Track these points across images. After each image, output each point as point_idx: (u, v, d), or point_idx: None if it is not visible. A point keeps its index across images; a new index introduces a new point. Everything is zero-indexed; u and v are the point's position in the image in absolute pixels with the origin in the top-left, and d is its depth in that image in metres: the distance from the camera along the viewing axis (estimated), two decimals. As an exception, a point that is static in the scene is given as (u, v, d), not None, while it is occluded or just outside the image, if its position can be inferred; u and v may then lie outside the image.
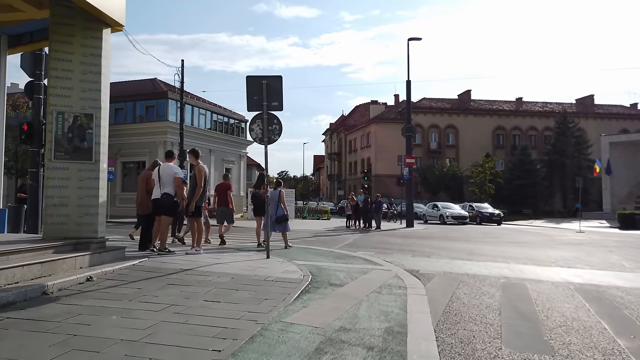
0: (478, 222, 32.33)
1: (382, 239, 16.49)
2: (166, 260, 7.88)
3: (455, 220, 30.68)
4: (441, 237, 18.27)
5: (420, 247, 13.46)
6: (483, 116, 60.61)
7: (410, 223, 25.32)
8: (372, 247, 13.13)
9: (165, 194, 8.53)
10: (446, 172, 50.15)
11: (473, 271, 8.65)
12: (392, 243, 14.57)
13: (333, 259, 9.63)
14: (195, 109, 35.77)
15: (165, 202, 8.56)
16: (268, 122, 8.88)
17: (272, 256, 9.07)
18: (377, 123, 59.44)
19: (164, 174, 8.65)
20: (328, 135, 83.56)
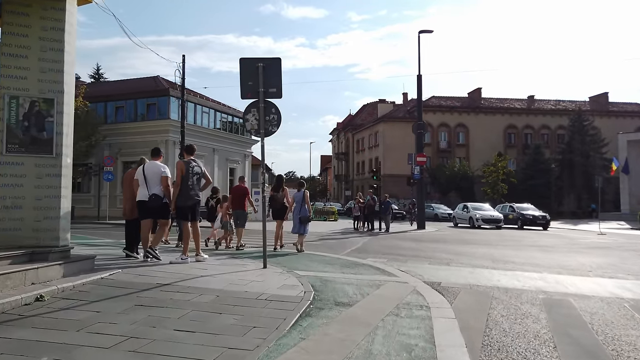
0: (520, 226, 27.37)
1: (393, 242, 15.28)
2: (143, 272, 6.73)
3: (487, 224, 26.50)
4: (457, 240, 17.01)
5: (436, 252, 12.23)
6: (494, 114, 59.10)
7: (422, 225, 24.06)
8: (383, 252, 11.92)
9: (153, 195, 7.74)
10: (457, 171, 48.71)
11: (503, 283, 7.42)
12: (404, 248, 13.36)
13: (340, 268, 8.44)
14: (198, 107, 34.71)
15: (154, 204, 7.76)
16: (265, 111, 7.71)
17: (270, 265, 7.91)
18: (385, 122, 58.15)
19: (150, 173, 7.84)
20: (335, 134, 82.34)
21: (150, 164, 8.02)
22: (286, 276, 6.88)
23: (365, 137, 64.44)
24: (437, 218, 36.82)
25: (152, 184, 7.77)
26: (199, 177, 8.12)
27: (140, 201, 7.83)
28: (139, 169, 8.02)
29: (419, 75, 24.87)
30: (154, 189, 7.75)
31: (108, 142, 32.68)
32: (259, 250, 11.23)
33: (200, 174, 8.14)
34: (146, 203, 7.75)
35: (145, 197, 7.75)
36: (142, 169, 7.92)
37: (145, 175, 7.81)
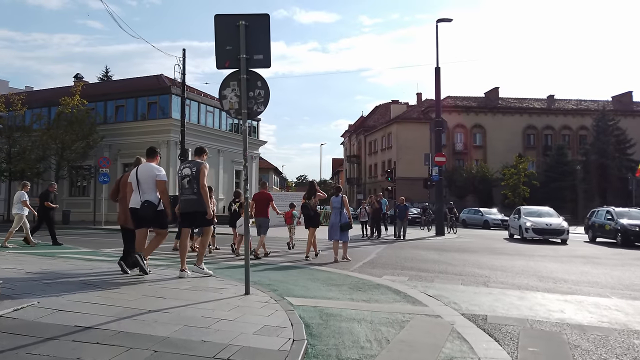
0: (621, 243, 17.37)
1: (412, 253, 13.27)
2: (72, 304, 4.82)
3: (539, 235, 19.19)
4: (486, 250, 14.95)
5: (466, 266, 10.20)
6: (512, 115, 56.70)
7: (441, 231, 21.98)
8: (401, 266, 9.92)
9: (146, 202, 6.73)
10: (475, 174, 46.38)
11: (571, 316, 5.42)
12: (426, 260, 11.34)
13: (349, 292, 6.48)
14: (202, 106, 33.01)
15: (147, 212, 6.73)
16: (248, 85, 5.81)
17: (257, 288, 6.01)
18: (398, 123, 56.13)
19: (143, 177, 6.84)
20: (347, 137, 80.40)
21: (144, 166, 6.98)
22: (272, 309, 4.94)
23: (377, 138, 62.39)
24: (487, 226, 32.22)
25: (146, 189, 6.77)
26: (190, 180, 6.96)
27: (133, 208, 6.82)
28: (132, 171, 7.05)
29: (437, 67, 22.87)
30: (148, 194, 6.75)
31: (108, 143, 31.10)
32: (274, 261, 9.42)
33: (189, 176, 6.98)
34: (138, 211, 6.74)
35: (137, 204, 6.76)
36: (135, 172, 6.92)
37: (139, 179, 6.81)
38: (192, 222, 7.26)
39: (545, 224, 19.34)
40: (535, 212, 21.44)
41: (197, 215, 7.01)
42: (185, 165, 7.10)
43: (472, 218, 34.38)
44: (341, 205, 10.49)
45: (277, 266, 9.34)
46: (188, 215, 7.06)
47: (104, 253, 11.28)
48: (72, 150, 28.50)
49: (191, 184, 6.93)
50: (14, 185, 33.14)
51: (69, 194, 32.97)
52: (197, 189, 6.89)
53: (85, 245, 13.44)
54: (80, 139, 28.63)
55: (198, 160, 7.16)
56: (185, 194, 6.99)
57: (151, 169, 6.92)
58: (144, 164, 7.07)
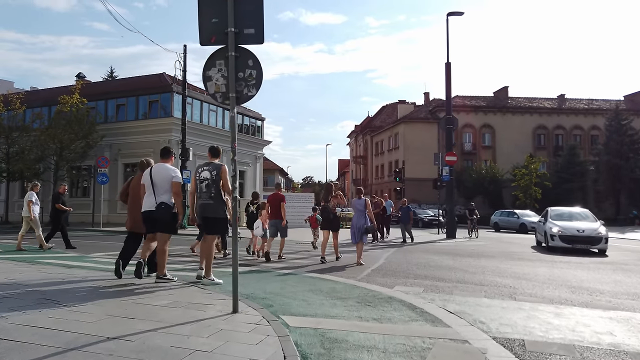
0: None
1: (424, 258, 12.32)
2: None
3: (568, 244, 14.95)
4: (501, 254, 13.95)
5: (486, 274, 9.25)
6: (522, 114, 55.52)
7: (452, 234, 21.00)
8: (414, 274, 8.98)
9: (162, 204, 6.50)
10: (484, 174, 45.25)
11: (624, 340, 4.48)
12: (441, 266, 10.38)
13: (356, 308, 5.54)
14: (204, 105, 32.19)
15: (163, 215, 6.48)
16: (237, 64, 4.92)
17: (247, 304, 5.11)
18: (406, 123, 55.11)
19: (158, 178, 6.57)
20: (353, 137, 79.44)
21: (159, 167, 6.71)
22: (263, 333, 4.03)
23: (384, 139, 61.39)
24: (524, 229, 29.00)
25: (161, 191, 6.53)
26: (208, 184, 6.60)
27: (146, 211, 6.55)
28: (145, 172, 6.75)
29: (447, 63, 21.92)
30: (163, 196, 6.52)
31: (108, 143, 30.34)
32: (273, 267, 8.46)
33: (207, 180, 6.60)
34: (152, 213, 6.48)
35: (151, 206, 6.49)
36: (149, 173, 6.64)
37: (153, 180, 6.55)
38: (205, 227, 6.85)
39: (577, 229, 15.19)
40: (566, 214, 17.11)
41: (211, 221, 6.65)
42: (204, 168, 6.68)
43: (506, 221, 31.72)
44: (364, 207, 10.24)
45: (277, 273, 8.43)
46: (202, 220, 6.73)
47: (90, 259, 10.44)
48: (71, 150, 27.75)
49: (209, 188, 6.56)
50: (13, 186, 32.55)
51: (69, 194, 32.21)
52: (215, 194, 6.55)
53: (77, 248, 12.59)
54: (79, 138, 27.89)
55: (217, 163, 6.77)
56: (202, 198, 6.61)
57: (167, 169, 6.64)
58: (158, 164, 6.75)
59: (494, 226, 32.20)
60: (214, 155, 6.94)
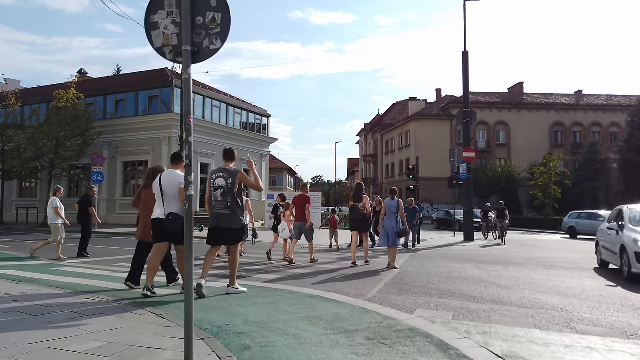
0: None
1: (445, 266, 10.76)
2: None
3: None
4: (530, 261, 12.35)
5: (522, 288, 7.67)
6: (538, 111, 53.58)
7: (470, 236, 19.39)
8: (437, 289, 7.42)
9: (171, 214, 6.04)
10: (500, 173, 43.38)
11: None
12: (466, 278, 8.81)
13: (367, 350, 3.92)
14: (207, 100, 30.80)
15: (173, 225, 5.98)
16: (195, 4, 3.42)
17: (214, 349, 3.62)
18: (417, 120, 53.39)
19: (168, 186, 6.19)
20: (363, 136, 77.81)
21: (169, 173, 6.32)
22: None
23: (395, 137, 59.71)
24: None
25: (171, 200, 6.15)
26: (224, 192, 6.19)
27: (156, 219, 6.19)
28: (155, 180, 6.38)
29: (465, 52, 20.28)
30: (173, 205, 6.11)
31: (107, 140, 29.08)
32: (270, 278, 6.91)
33: (223, 188, 6.19)
34: (162, 223, 6.09)
35: (161, 214, 6.12)
36: (158, 180, 6.27)
37: (162, 188, 6.17)
38: (220, 238, 6.32)
39: None
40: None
41: (228, 232, 6.19)
42: (218, 175, 6.23)
43: (586, 224, 25.49)
44: (397, 209, 9.93)
45: (269, 289, 6.93)
46: (218, 230, 6.22)
47: (59, 269, 9.02)
48: (67, 148, 26.50)
49: (225, 197, 6.15)
50: (9, 186, 31.43)
51: (67, 194, 31.01)
52: (231, 203, 6.12)
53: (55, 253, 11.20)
54: (75, 135, 26.64)
55: (233, 169, 6.30)
56: (217, 207, 6.17)
57: (176, 176, 6.15)
58: (168, 171, 6.34)
59: (569, 231, 26.46)
60: (228, 159, 6.42)
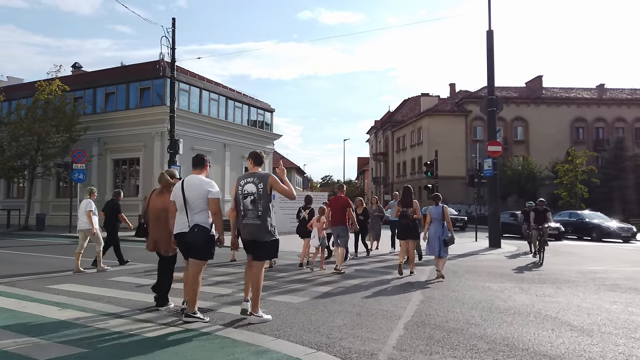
0: None
1: (479, 289, 8.32)
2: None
3: None
4: (581, 277, 9.85)
5: (609, 333, 5.23)
6: (558, 106, 50.67)
7: (496, 242, 16.88)
8: (483, 339, 4.99)
9: (196, 226, 5.25)
10: (520, 171, 40.63)
11: None
12: (517, 311, 6.36)
13: None
14: (204, 93, 28.49)
15: (197, 239, 5.22)
16: None
17: None
18: (430, 116, 50.79)
19: (192, 193, 5.37)
20: (373, 133, 75.18)
21: (193, 179, 5.49)
22: None
23: (406, 134, 57.11)
24: None
25: (195, 209, 5.34)
26: (254, 200, 5.38)
27: (180, 234, 5.37)
28: (176, 186, 5.58)
29: (489, 31, 17.86)
30: (197, 216, 5.32)
31: (96, 136, 26.90)
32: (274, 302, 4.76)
33: (253, 194, 5.38)
34: (185, 236, 5.29)
35: (184, 227, 5.32)
36: (180, 187, 5.45)
37: (185, 196, 5.36)
38: (253, 252, 5.53)
39: None
40: None
41: (260, 245, 5.45)
42: (248, 180, 5.53)
43: None
44: (442, 216, 9.37)
45: (198, 334, 4.58)
46: (249, 243, 5.51)
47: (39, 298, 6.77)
48: (50, 144, 24.34)
49: (255, 205, 5.41)
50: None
51: (55, 195, 28.93)
52: (263, 212, 5.38)
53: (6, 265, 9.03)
54: (60, 131, 24.48)
55: (263, 172, 5.61)
56: (247, 217, 5.45)
57: (201, 183, 5.47)
58: (191, 176, 5.60)
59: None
60: (256, 162, 5.71)
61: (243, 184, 5.50)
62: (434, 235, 9.31)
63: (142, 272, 9.66)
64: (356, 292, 7.55)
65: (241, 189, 5.48)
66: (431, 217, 9.45)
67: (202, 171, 5.65)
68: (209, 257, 5.50)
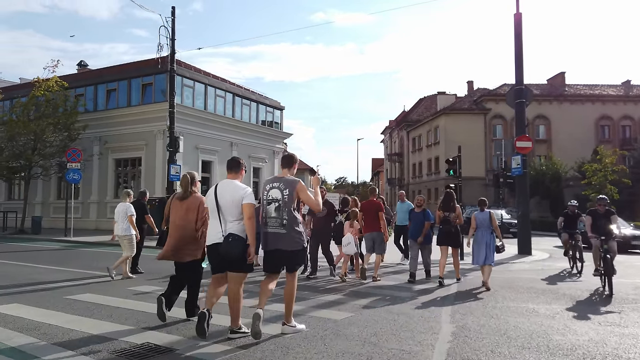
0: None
1: (520, 311, 6.69)
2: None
3: None
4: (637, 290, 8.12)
5: None
6: (582, 103, 48.40)
7: (527, 248, 15.10)
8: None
9: (231, 236, 4.79)
10: (544, 171, 38.55)
11: None
12: (589, 354, 4.73)
13: None
14: (210, 89, 27.06)
15: (233, 250, 4.75)
16: None
17: None
18: (447, 114, 48.89)
19: (226, 199, 4.94)
20: (387, 134, 73.36)
21: (227, 184, 5.07)
22: None
23: (422, 133, 55.24)
24: None
25: (230, 217, 4.90)
26: (279, 207, 4.98)
27: (212, 245, 4.96)
28: (209, 191, 5.14)
29: (517, 13, 16.04)
30: (233, 225, 4.89)
31: (97, 135, 25.69)
32: None
33: (278, 201, 4.98)
34: (219, 248, 4.82)
35: (218, 238, 4.86)
36: (213, 192, 5.03)
37: (219, 203, 4.93)
38: (276, 263, 5.09)
39: None
40: None
41: (287, 255, 4.98)
42: (273, 185, 5.09)
43: None
44: (489, 222, 8.89)
45: None
46: (272, 254, 5.01)
47: None
48: (47, 143, 23.13)
49: (280, 213, 4.96)
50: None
51: (56, 196, 27.77)
52: (288, 220, 4.94)
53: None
54: (59, 129, 23.29)
55: (290, 178, 5.12)
56: (270, 226, 5.01)
57: (236, 189, 4.98)
58: (225, 181, 5.13)
59: None
60: (286, 165, 5.26)
61: (268, 189, 5.14)
62: (480, 243, 8.77)
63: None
64: (368, 321, 5.95)
65: (266, 194, 5.13)
66: (477, 222, 8.94)
67: (237, 176, 5.22)
68: (249, 269, 5.06)
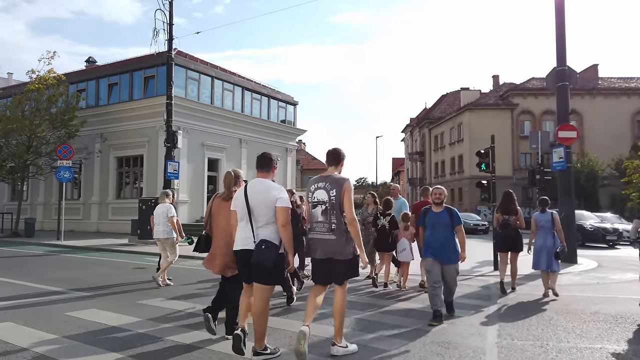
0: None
1: (589, 349, 4.64)
2: None
3: None
4: None
5: None
6: (617, 97, 45.50)
7: (571, 256, 12.84)
8: None
9: (263, 242, 4.25)
10: (579, 169, 35.85)
11: None
12: None
13: None
14: (217, 82, 25.39)
15: (264, 259, 4.19)
16: None
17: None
18: (471, 110, 46.44)
19: (257, 201, 4.39)
20: (408, 132, 70.97)
21: (257, 184, 4.50)
22: None
23: (445, 131, 52.82)
24: None
25: (262, 221, 4.36)
26: (326, 209, 4.49)
27: (241, 250, 4.41)
28: (238, 191, 4.64)
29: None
30: (265, 229, 4.35)
31: (98, 132, 24.28)
32: None
33: (325, 203, 4.50)
34: (249, 255, 4.30)
35: (247, 243, 4.36)
36: (242, 193, 4.46)
37: (249, 204, 4.38)
38: (326, 274, 4.52)
39: None
40: None
41: (336, 264, 4.43)
42: (318, 185, 4.56)
43: None
44: (551, 224, 8.09)
45: None
46: (322, 263, 4.50)
47: None
48: (42, 140, 21.71)
49: (327, 216, 4.45)
50: (0, 188, 27.40)
51: (58, 197, 26.40)
52: (337, 224, 4.40)
53: None
54: (56, 126, 21.87)
55: (338, 176, 4.56)
56: (316, 231, 4.52)
57: (268, 189, 4.41)
58: (255, 180, 4.55)
59: None
60: (332, 162, 4.70)
61: (313, 190, 4.64)
62: (542, 247, 8.17)
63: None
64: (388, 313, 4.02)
65: (311, 196, 4.66)
66: (537, 225, 8.35)
67: (269, 174, 4.66)
68: (277, 281, 4.56)
